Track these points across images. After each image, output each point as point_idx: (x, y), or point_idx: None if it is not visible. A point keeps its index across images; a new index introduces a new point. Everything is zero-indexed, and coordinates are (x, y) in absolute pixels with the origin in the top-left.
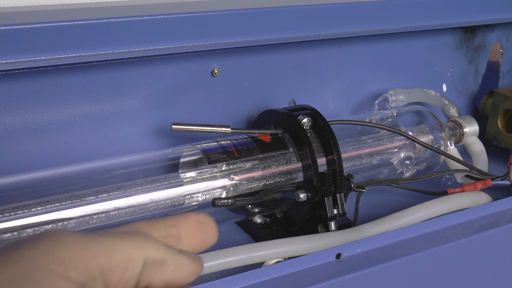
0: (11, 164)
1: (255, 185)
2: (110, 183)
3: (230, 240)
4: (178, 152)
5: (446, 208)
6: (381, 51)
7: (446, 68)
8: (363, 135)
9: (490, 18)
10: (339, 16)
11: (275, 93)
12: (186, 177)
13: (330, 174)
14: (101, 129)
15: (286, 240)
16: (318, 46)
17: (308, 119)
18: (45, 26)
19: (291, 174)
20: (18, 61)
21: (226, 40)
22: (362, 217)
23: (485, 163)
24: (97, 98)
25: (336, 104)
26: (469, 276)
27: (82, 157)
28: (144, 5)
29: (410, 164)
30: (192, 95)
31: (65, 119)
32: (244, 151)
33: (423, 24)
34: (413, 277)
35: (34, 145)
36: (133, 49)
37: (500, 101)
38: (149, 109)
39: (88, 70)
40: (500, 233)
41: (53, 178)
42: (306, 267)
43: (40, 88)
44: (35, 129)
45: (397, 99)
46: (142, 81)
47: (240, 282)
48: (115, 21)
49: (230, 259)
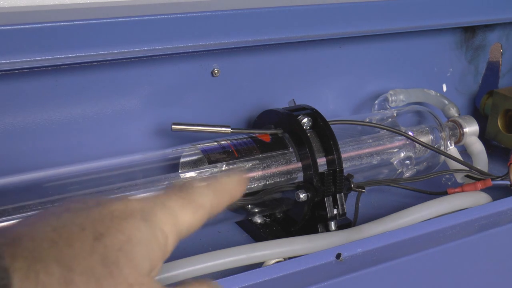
0: (11, 164)
1: (255, 185)
2: (110, 183)
3: (230, 240)
4: (178, 152)
5: (446, 208)
6: (381, 51)
7: (446, 68)
8: (363, 135)
9: (490, 18)
10: (339, 16)
11: (275, 93)
12: (186, 177)
13: (330, 174)
14: (101, 129)
15: (286, 240)
16: (318, 46)
17: (308, 119)
18: (45, 26)
19: (291, 174)
20: (18, 61)
21: (226, 40)
22: (362, 217)
23: (485, 163)
24: (97, 98)
25: (336, 104)
26: (469, 276)
27: (82, 157)
28: (144, 5)
29: (410, 164)
30: (192, 95)
31: (65, 119)
32: (244, 151)
33: (423, 24)
34: (413, 277)
35: (34, 145)
36: (133, 49)
37: (500, 101)
38: (149, 109)
39: (88, 70)
40: (500, 233)
41: (53, 178)
42: (306, 267)
43: (40, 88)
44: (35, 129)
45: (397, 99)
46: (142, 81)
47: (240, 282)
48: (115, 21)
49: (230, 259)
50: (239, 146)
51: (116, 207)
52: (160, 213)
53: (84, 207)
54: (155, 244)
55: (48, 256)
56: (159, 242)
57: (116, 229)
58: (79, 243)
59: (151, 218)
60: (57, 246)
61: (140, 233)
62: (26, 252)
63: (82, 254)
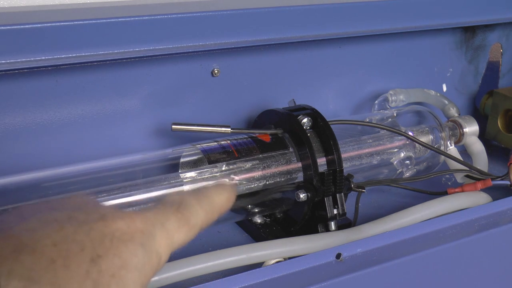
0: (11, 164)
1: (255, 185)
2: (110, 183)
3: (230, 240)
4: (178, 152)
5: (446, 208)
6: (381, 51)
7: (446, 68)
8: (363, 135)
9: (490, 18)
10: (339, 16)
11: (275, 93)
12: (186, 177)
13: (330, 174)
14: (101, 129)
15: (286, 240)
16: (318, 46)
17: (308, 119)
18: (45, 26)
19: (291, 174)
20: (18, 61)
21: (226, 40)
22: (362, 217)
23: (485, 163)
24: (97, 98)
25: (336, 104)
26: (469, 276)
27: (82, 157)
28: (144, 5)
29: (410, 164)
30: (192, 95)
31: (65, 119)
32: (244, 151)
33: (423, 24)
34: (413, 277)
35: (34, 145)
36: (133, 49)
37: (500, 101)
38: (149, 109)
39: (88, 70)
40: (500, 233)
41: (53, 178)
42: (306, 267)
43: (40, 88)
44: (35, 129)
45: (397, 99)
46: (142, 81)
47: (240, 282)
48: (115, 21)
49: (230, 259)
50: (239, 146)
51: (119, 226)
52: (159, 235)
53: (87, 219)
54: (149, 267)
55: (44, 278)
56: (153, 264)
57: (113, 253)
58: (75, 265)
59: (150, 242)
60: (54, 267)
61: (137, 258)
62: (23, 270)
63: (77, 278)
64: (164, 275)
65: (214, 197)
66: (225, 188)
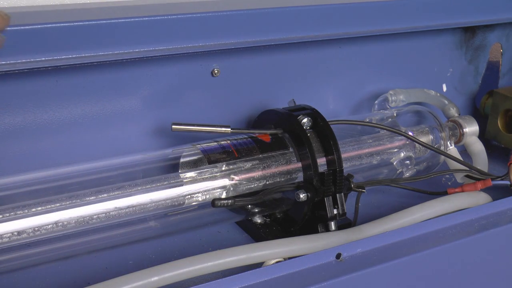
0: (11, 164)
1: (255, 185)
2: (110, 183)
3: (230, 240)
4: (178, 152)
5: (446, 208)
6: (381, 51)
7: (446, 68)
8: (363, 135)
9: (490, 18)
10: (339, 16)
11: (275, 93)
12: (186, 177)
13: (330, 174)
14: (101, 129)
15: (286, 240)
16: (318, 46)
17: (308, 119)
18: (45, 27)
19: (291, 174)
20: (18, 61)
21: (226, 40)
22: (362, 217)
23: (485, 163)
24: (97, 98)
25: (336, 104)
26: (469, 276)
27: (82, 157)
28: (144, 5)
29: (410, 164)
30: (192, 95)
31: (65, 119)
32: (244, 151)
33: (423, 24)
34: (413, 277)
35: (34, 145)
36: (133, 50)
37: (500, 101)
38: (149, 109)
39: (88, 70)
40: (500, 233)
41: (53, 178)
42: (306, 267)
43: (40, 88)
44: (35, 129)
45: (397, 99)
46: (142, 81)
47: (240, 282)
48: (115, 22)
49: (230, 259)
50: (239, 146)
51: None
52: None
53: None
54: None
55: None
56: None
57: None
58: None
59: None
60: None
61: None
62: None
63: None
64: (164, 275)
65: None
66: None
